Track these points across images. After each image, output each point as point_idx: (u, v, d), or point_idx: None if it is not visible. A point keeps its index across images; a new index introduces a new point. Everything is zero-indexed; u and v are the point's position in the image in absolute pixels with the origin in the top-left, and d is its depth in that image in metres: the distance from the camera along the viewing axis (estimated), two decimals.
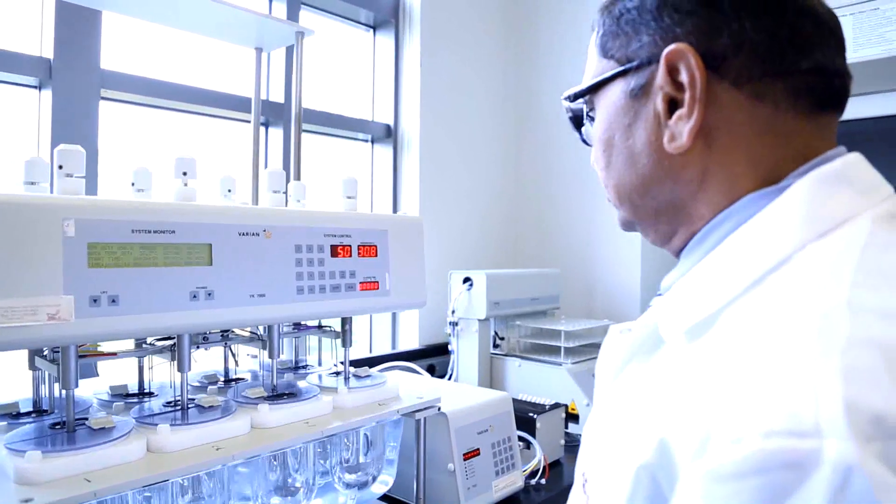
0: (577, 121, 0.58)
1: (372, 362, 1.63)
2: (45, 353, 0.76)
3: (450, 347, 1.75)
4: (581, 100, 0.57)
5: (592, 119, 0.56)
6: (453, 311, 1.71)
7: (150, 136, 1.41)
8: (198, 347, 0.87)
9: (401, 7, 1.95)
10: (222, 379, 0.99)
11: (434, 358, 1.88)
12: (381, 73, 1.99)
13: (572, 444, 1.37)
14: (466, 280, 1.69)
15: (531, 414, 1.27)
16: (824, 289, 0.37)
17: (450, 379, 1.72)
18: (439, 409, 1.03)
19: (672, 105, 0.48)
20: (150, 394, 0.89)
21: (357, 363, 1.05)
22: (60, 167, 0.71)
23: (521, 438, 1.22)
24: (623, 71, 0.51)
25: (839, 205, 0.43)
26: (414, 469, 1.02)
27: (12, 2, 1.24)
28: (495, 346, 1.74)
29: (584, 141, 0.60)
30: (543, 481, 1.20)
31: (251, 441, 0.79)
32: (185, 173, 0.82)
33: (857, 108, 0.87)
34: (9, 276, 0.61)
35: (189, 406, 0.81)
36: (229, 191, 1.01)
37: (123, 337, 0.74)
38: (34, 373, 0.80)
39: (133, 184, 0.84)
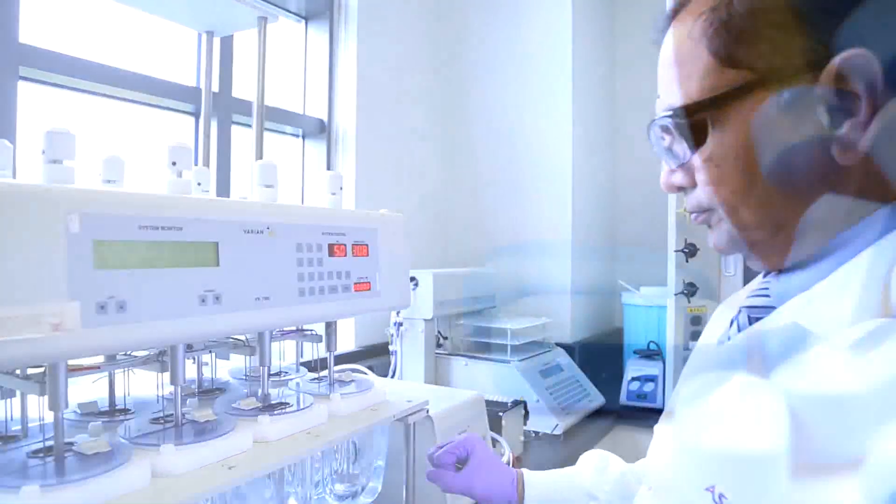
0: (699, 134, 0.50)
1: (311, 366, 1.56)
2: (15, 369, 0.65)
3: (391, 348, 1.72)
4: (698, 114, 0.49)
5: (701, 135, 0.50)
6: (398, 312, 1.68)
7: (74, 123, 1.25)
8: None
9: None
10: (195, 390, 0.90)
11: (371, 359, 1.83)
12: (313, 66, 1.91)
13: (529, 441, 1.40)
14: (412, 280, 1.66)
15: (498, 412, 1.28)
16: None
17: (393, 379, 1.69)
18: (427, 411, 1.01)
19: (832, 114, 0.45)
20: (126, 410, 0.79)
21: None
22: (44, 152, 0.61)
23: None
24: (768, 80, 0.47)
25: None
26: (396, 475, 0.99)
27: None
28: (438, 345, 1.73)
29: (676, 160, 0.53)
30: None
31: (261, 456, 0.72)
32: (174, 163, 0.74)
33: None
34: (5, 278, 0.52)
35: (183, 422, 0.73)
36: (199, 184, 0.93)
37: (132, 348, 0.65)
38: None
39: (102, 175, 0.76)
